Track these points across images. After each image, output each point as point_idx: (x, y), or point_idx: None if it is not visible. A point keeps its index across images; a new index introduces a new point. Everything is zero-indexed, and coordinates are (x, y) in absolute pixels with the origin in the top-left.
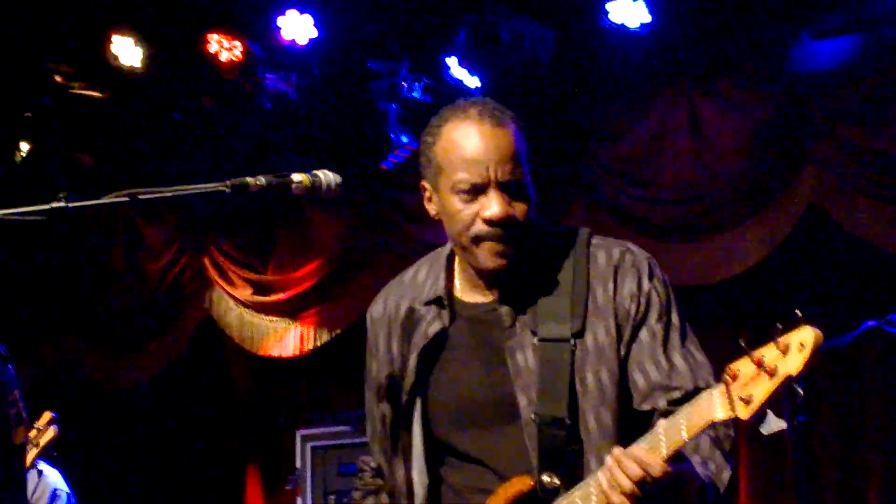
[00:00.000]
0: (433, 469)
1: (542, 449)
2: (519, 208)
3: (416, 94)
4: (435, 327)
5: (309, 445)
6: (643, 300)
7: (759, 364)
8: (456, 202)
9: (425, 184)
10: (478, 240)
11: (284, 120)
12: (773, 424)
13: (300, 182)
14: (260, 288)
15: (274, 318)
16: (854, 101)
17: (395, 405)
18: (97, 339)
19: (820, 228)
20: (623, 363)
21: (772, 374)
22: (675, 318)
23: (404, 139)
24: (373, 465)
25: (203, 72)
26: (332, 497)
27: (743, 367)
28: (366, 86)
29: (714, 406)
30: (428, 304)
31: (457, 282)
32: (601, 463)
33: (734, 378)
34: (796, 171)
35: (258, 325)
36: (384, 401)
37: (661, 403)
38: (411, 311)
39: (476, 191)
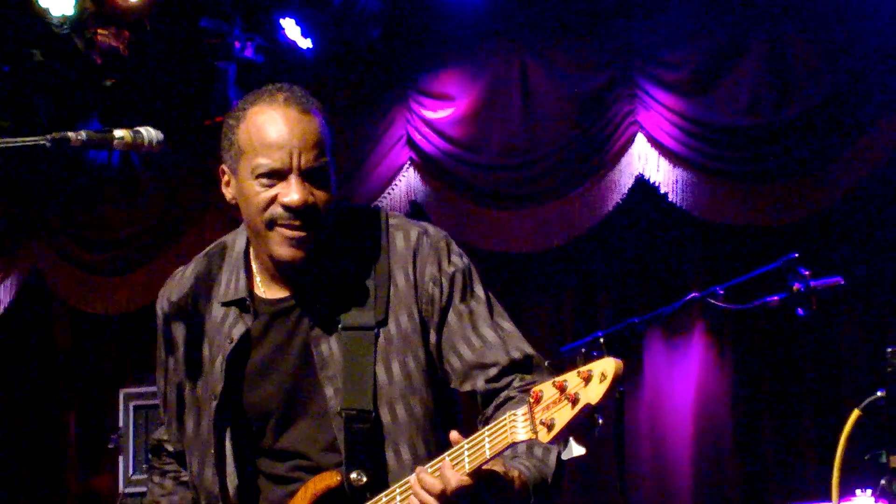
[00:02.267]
0: (246, 465)
1: (348, 443)
2: (320, 196)
3: (248, 55)
4: (239, 329)
5: (132, 405)
6: (445, 282)
7: (562, 390)
8: (255, 186)
9: (224, 167)
10: (272, 224)
11: (115, 76)
12: (574, 450)
13: (122, 138)
14: (87, 245)
15: (101, 276)
16: (681, 72)
17: (203, 407)
18: None
19: (647, 199)
20: (437, 347)
21: (573, 401)
22: (480, 293)
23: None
24: (170, 448)
25: (34, 25)
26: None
27: (546, 390)
28: (199, 44)
29: (517, 428)
30: (228, 304)
31: (256, 278)
32: (413, 454)
33: (537, 401)
34: (625, 141)
35: (85, 281)
36: (191, 404)
37: (480, 384)
38: (208, 310)
39: (276, 176)
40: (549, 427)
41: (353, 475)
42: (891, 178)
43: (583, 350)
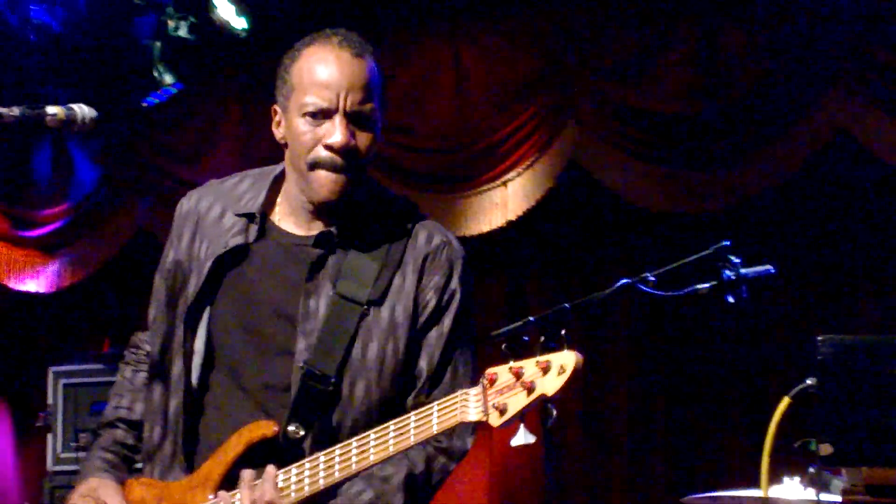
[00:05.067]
0: (206, 374)
1: (298, 398)
2: (362, 140)
3: (181, 33)
4: (237, 240)
5: (61, 382)
6: (445, 298)
7: (518, 376)
8: (301, 124)
9: (276, 107)
10: (315, 166)
11: (47, 53)
12: (523, 437)
13: (55, 115)
14: (17, 222)
15: (30, 253)
16: (617, 56)
17: (182, 303)
18: None
19: (581, 184)
20: (409, 349)
21: (529, 389)
22: (464, 328)
23: (168, 78)
24: (147, 347)
25: None
26: (84, 435)
27: (502, 374)
28: (132, 22)
29: (468, 407)
30: (239, 216)
31: (277, 207)
32: (353, 431)
33: (491, 383)
34: (558, 126)
35: (15, 259)
36: (172, 294)
37: (410, 400)
38: (220, 216)
39: (323, 115)
40: (502, 411)
41: (292, 427)
42: (823, 166)
43: (541, 339)
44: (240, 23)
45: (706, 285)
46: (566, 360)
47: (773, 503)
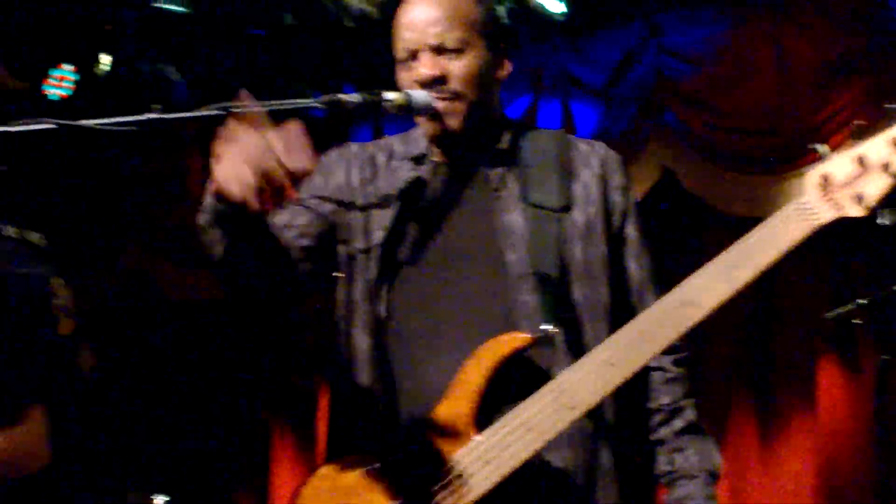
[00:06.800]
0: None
1: (533, 306)
2: (455, 70)
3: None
4: (413, 175)
5: None
6: (630, 197)
7: (862, 162)
8: (401, 73)
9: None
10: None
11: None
12: (891, 217)
13: (393, 101)
14: None
15: None
16: None
17: (361, 239)
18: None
19: None
20: (613, 251)
21: (887, 167)
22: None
23: None
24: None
25: None
26: None
27: (835, 169)
28: None
29: (813, 211)
30: (406, 159)
31: (435, 147)
32: (597, 338)
33: (826, 182)
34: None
35: None
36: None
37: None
38: (388, 160)
39: (412, 57)
40: (859, 199)
41: (546, 326)
42: None
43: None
44: (557, 7)
45: None
46: None
47: None
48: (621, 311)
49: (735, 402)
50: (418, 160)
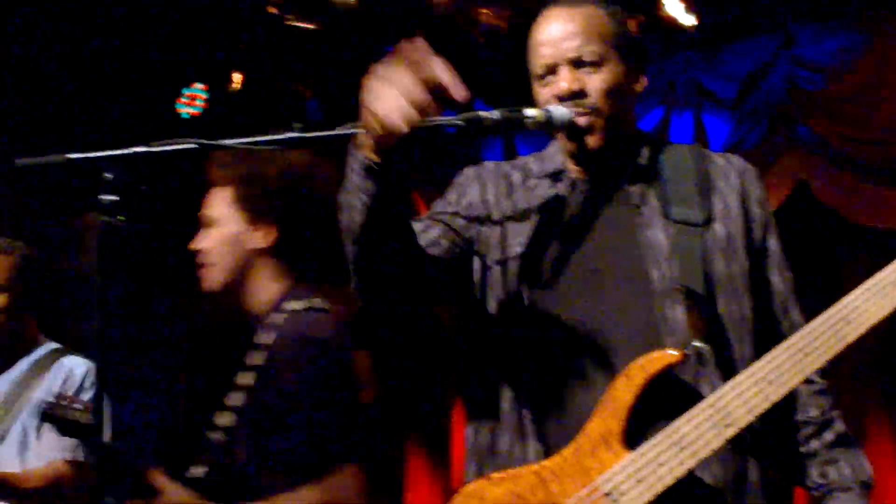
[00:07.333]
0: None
1: (681, 320)
2: (593, 84)
3: None
4: (551, 192)
5: None
6: (769, 210)
7: None
8: (539, 90)
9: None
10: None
11: (493, 57)
12: None
13: (534, 117)
14: None
15: None
16: None
17: (496, 252)
18: None
19: None
20: (754, 264)
21: None
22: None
23: None
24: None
25: (415, 5)
26: None
27: None
28: None
29: None
30: (543, 177)
31: (570, 164)
32: (743, 353)
33: None
34: None
35: None
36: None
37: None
38: (524, 179)
39: (550, 72)
40: None
41: (698, 343)
42: None
43: None
44: (689, 20)
45: None
46: None
47: None
48: (764, 325)
49: (869, 411)
50: (555, 177)
